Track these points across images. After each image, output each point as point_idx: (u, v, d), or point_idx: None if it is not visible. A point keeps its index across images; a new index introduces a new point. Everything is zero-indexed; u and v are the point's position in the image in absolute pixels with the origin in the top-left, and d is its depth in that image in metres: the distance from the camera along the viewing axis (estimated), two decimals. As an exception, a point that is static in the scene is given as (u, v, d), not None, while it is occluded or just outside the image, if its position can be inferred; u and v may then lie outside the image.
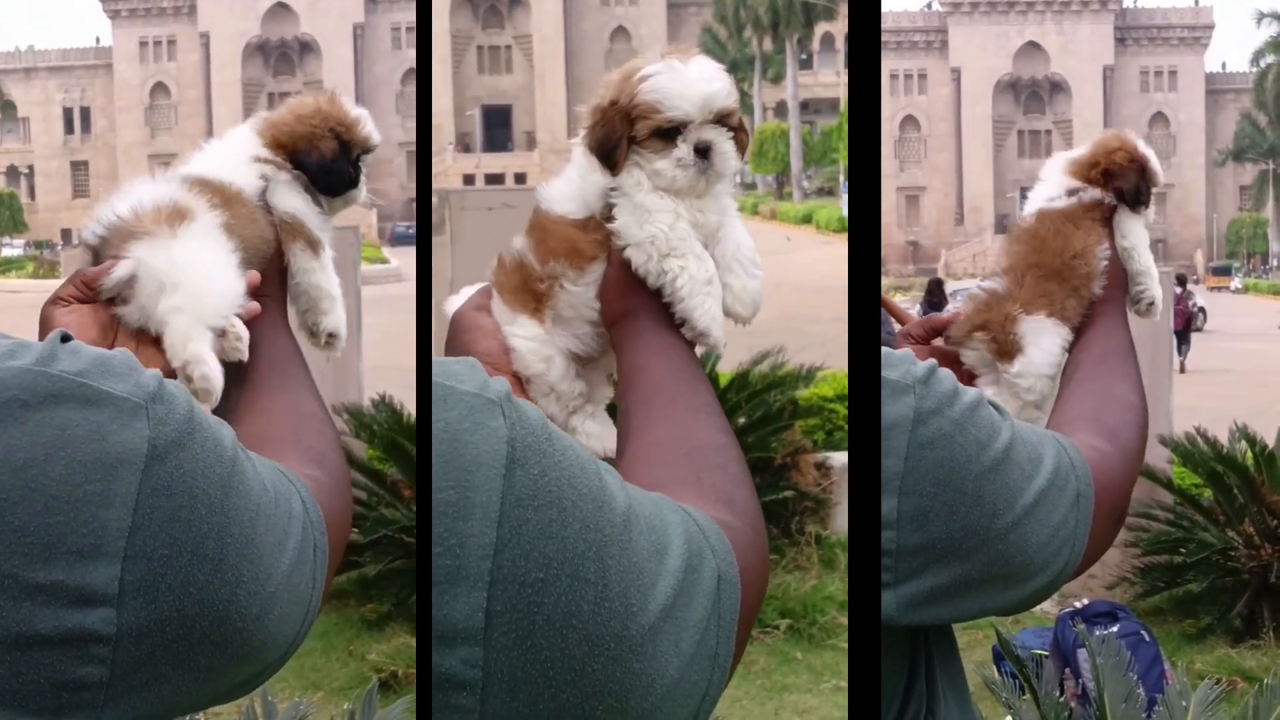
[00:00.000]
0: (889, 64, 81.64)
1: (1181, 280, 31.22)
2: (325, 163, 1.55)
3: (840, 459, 7.93)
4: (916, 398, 1.31)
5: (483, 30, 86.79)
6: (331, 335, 1.56)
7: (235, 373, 1.39)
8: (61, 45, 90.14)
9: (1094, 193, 1.76)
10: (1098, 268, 1.75)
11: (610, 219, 1.35)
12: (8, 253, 67.67)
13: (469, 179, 76.34)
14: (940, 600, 1.32)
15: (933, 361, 1.35)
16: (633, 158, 1.35)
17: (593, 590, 0.91)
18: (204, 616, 0.92)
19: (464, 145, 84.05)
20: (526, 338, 1.37)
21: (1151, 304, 1.80)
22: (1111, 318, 1.74)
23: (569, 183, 1.38)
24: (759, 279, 1.40)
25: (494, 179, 76.71)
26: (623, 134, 1.34)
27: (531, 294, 1.38)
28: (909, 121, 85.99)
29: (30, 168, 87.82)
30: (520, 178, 76.88)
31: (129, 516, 0.89)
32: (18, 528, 0.86)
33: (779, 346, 7.90)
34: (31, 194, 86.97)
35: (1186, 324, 28.32)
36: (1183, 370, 26.17)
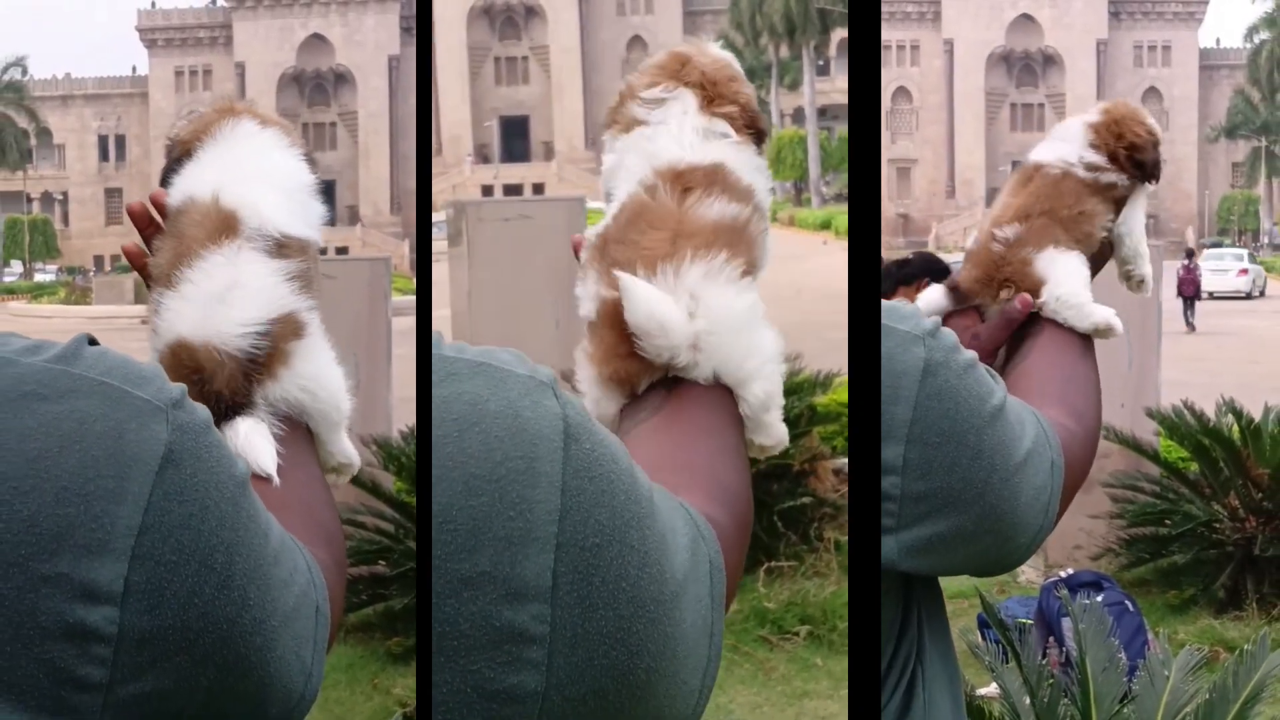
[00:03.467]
0: (883, 35, 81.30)
1: (1190, 253, 36.63)
2: None
3: None
4: (926, 349, 1.36)
5: (500, 42, 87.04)
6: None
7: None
8: (98, 74, 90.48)
9: (1112, 176, 1.75)
10: (1097, 237, 1.76)
11: None
12: (41, 278, 67.92)
13: (488, 190, 76.38)
14: (936, 549, 1.38)
15: (938, 318, 1.41)
16: None
17: (637, 556, 0.97)
18: (208, 632, 0.92)
19: (482, 156, 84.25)
20: None
21: (1142, 282, 1.81)
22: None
23: None
24: None
25: (512, 189, 76.57)
26: None
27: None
28: (901, 93, 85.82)
29: (65, 194, 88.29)
30: (539, 188, 77.09)
31: (139, 516, 0.88)
32: (27, 517, 0.85)
33: (796, 353, 7.78)
34: (65, 220, 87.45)
35: (1195, 291, 33.06)
36: (1192, 330, 30.53)
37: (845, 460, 7.94)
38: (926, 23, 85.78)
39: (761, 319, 1.26)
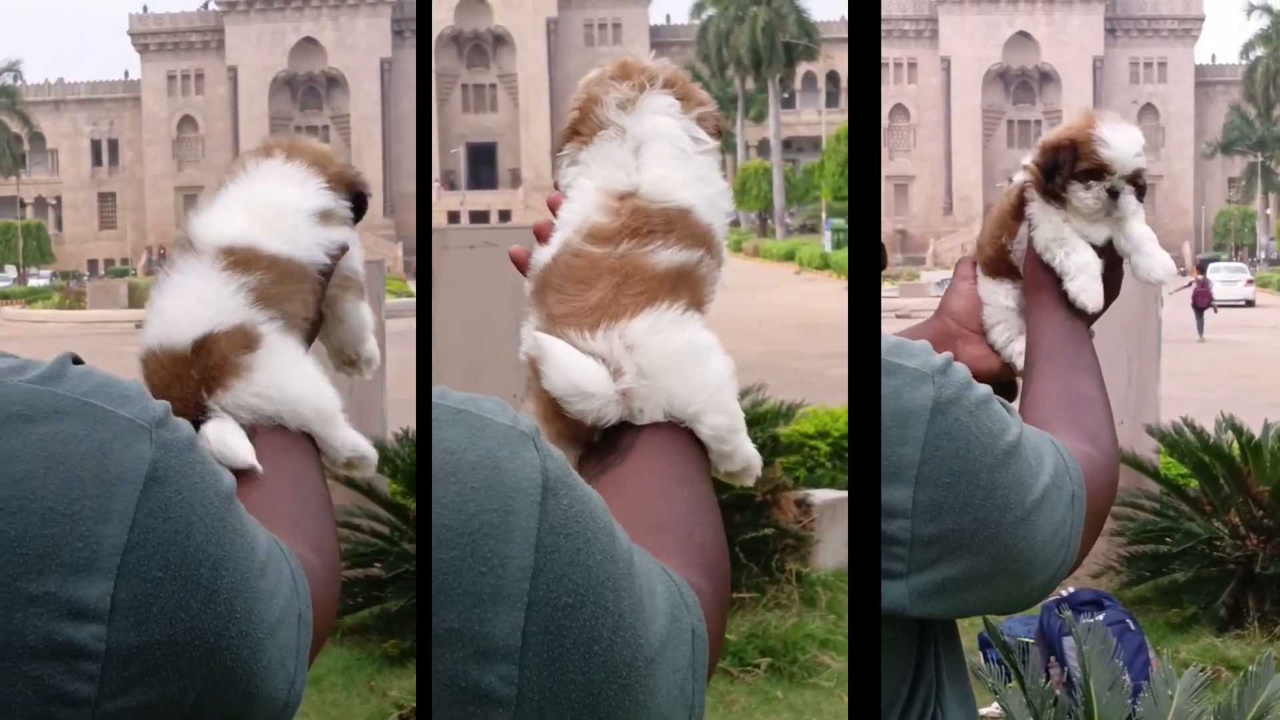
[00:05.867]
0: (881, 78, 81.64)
1: (1203, 267, 41.25)
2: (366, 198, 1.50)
3: (822, 496, 7.88)
4: (935, 387, 1.31)
5: (467, 69, 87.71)
6: (369, 360, 1.53)
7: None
8: (90, 78, 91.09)
9: (1019, 176, 1.72)
10: (1014, 258, 1.72)
11: None
12: (35, 283, 68.29)
13: (454, 216, 77.16)
14: (950, 592, 1.33)
15: (949, 354, 1.35)
16: None
17: (611, 619, 0.95)
18: (195, 645, 0.92)
19: (449, 183, 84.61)
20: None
21: (1081, 306, 1.67)
22: (1042, 311, 1.67)
23: None
24: None
25: (479, 216, 77.56)
26: None
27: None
28: (898, 110, 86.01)
29: (58, 199, 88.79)
30: (505, 215, 78.11)
31: (125, 534, 0.89)
32: (14, 537, 0.86)
33: (760, 383, 7.83)
34: (59, 225, 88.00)
35: (1208, 303, 35.85)
36: (1202, 340, 33.34)
37: (808, 491, 7.92)
38: (924, 40, 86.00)
39: (704, 351, 1.22)
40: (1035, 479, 1.35)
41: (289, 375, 1.33)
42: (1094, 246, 1.68)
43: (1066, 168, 1.66)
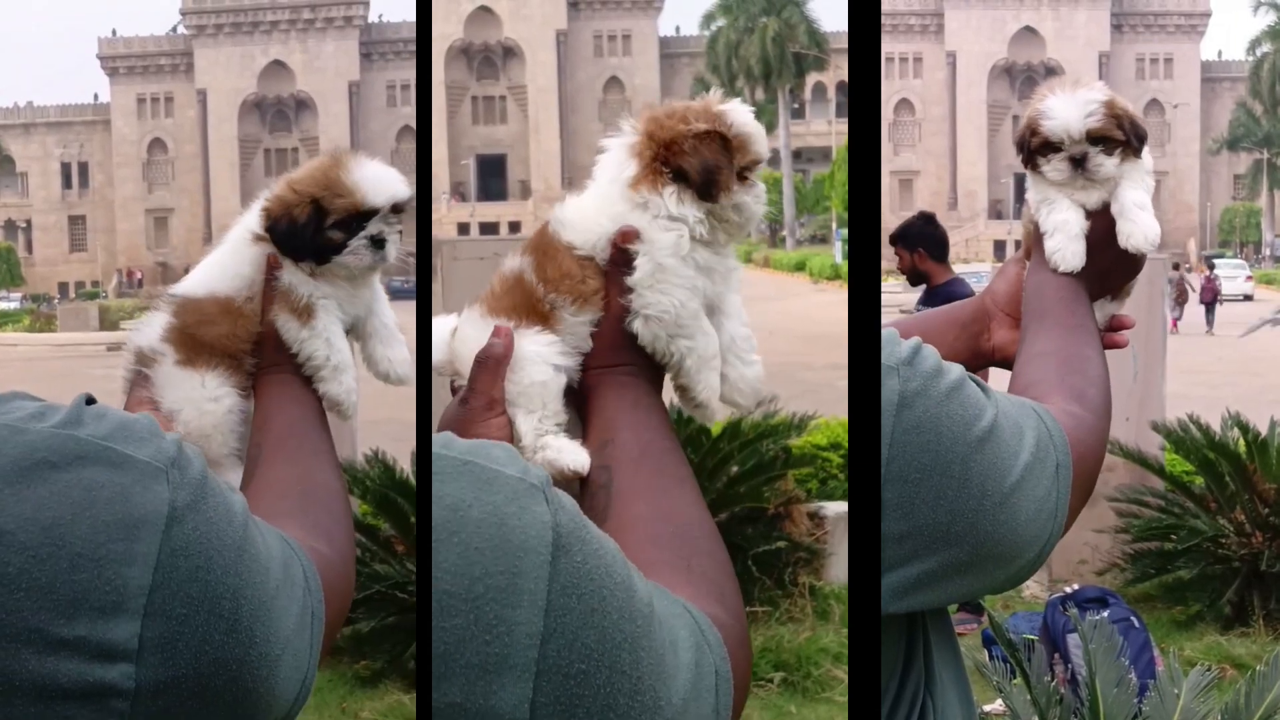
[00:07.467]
0: (885, 47, 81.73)
1: (1211, 264, 44.75)
2: (291, 229, 1.52)
3: (834, 509, 7.82)
4: (901, 380, 1.26)
5: (477, 81, 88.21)
6: (333, 402, 1.57)
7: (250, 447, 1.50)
8: (60, 101, 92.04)
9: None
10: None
11: (626, 270, 1.26)
12: (4, 306, 68.27)
13: (464, 228, 77.95)
14: (929, 586, 1.28)
15: (917, 339, 1.30)
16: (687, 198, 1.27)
17: (628, 682, 0.90)
18: (218, 675, 0.95)
19: (459, 194, 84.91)
20: (539, 344, 1.26)
21: (1054, 266, 1.67)
22: (1037, 273, 1.67)
23: (590, 213, 1.28)
24: (758, 364, 1.37)
25: (488, 228, 78.37)
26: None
27: (535, 313, 1.28)
28: (903, 105, 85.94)
29: (28, 222, 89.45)
30: (515, 226, 78.79)
31: (150, 575, 0.91)
32: (44, 584, 0.89)
33: (772, 395, 7.67)
34: (29, 248, 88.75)
35: (1214, 298, 37.76)
36: (1211, 334, 34.52)
37: (821, 504, 7.86)
38: (929, 35, 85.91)
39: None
40: (1015, 459, 1.30)
41: (168, 393, 1.54)
42: (1089, 210, 1.68)
43: (1027, 147, 1.71)
